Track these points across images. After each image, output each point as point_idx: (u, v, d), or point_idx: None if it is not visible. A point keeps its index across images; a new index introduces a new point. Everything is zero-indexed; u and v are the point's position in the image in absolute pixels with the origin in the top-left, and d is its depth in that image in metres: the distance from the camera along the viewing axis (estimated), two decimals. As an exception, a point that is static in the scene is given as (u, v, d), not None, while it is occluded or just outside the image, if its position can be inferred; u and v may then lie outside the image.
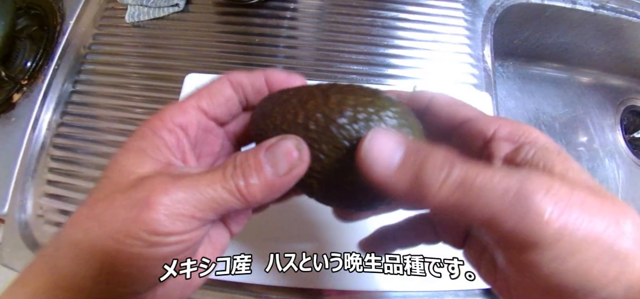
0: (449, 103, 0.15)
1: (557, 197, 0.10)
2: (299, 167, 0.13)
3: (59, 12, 0.40)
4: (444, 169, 0.11)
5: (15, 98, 0.37)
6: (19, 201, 0.33)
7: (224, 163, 0.13)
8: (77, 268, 0.12)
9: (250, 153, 0.13)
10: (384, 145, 0.12)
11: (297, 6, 0.41)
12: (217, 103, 0.16)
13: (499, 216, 0.10)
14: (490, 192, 0.10)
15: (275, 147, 0.13)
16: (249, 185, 0.13)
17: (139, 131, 0.15)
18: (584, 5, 0.42)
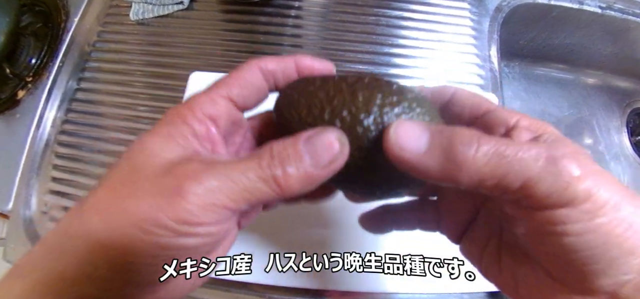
0: (472, 96, 0.16)
1: (583, 162, 0.11)
2: (338, 161, 0.13)
3: (64, 9, 0.40)
4: (473, 143, 0.11)
5: (20, 95, 0.37)
6: (24, 197, 0.33)
7: (259, 152, 0.13)
8: (92, 257, 0.12)
9: (288, 143, 0.13)
10: (410, 130, 0.12)
11: (302, 5, 0.41)
12: (248, 93, 0.15)
13: (534, 180, 0.11)
14: (522, 160, 0.11)
15: (316, 139, 0.13)
16: (287, 175, 0.12)
17: (166, 117, 0.14)
18: (591, 6, 0.42)
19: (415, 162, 0.12)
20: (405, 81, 0.38)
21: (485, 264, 0.15)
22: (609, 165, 0.48)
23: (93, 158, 0.34)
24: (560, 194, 0.11)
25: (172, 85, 0.36)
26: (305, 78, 0.15)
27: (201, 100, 0.14)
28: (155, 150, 0.13)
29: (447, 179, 0.12)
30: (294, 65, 0.16)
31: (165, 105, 0.36)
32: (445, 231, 0.18)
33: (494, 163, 0.11)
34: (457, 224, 0.17)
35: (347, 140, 0.13)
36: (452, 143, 0.12)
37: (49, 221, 0.33)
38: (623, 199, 0.11)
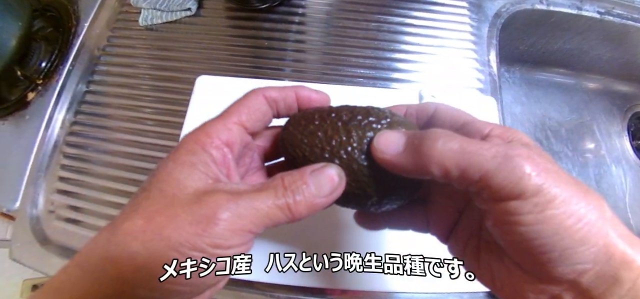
0: (451, 110, 0.18)
1: (535, 162, 0.13)
2: (337, 191, 0.16)
3: (74, 14, 0.42)
4: (439, 140, 0.14)
5: (30, 97, 0.38)
6: (31, 196, 0.34)
7: (273, 183, 0.15)
8: (130, 281, 0.13)
9: (296, 176, 0.15)
10: (389, 136, 0.16)
11: (305, 11, 0.42)
12: (255, 118, 0.17)
13: (490, 173, 0.13)
14: (482, 156, 0.13)
15: (320, 173, 0.15)
16: (296, 202, 0.15)
17: (186, 145, 0.15)
18: (590, 11, 0.43)
19: (394, 161, 0.15)
20: (406, 85, 0.38)
21: (468, 259, 0.17)
22: (611, 169, 0.48)
23: (100, 159, 0.35)
24: (512, 187, 0.12)
25: (178, 89, 0.37)
26: (304, 114, 0.18)
27: (218, 127, 0.16)
28: (182, 180, 0.14)
29: (420, 172, 0.14)
30: (294, 94, 0.18)
31: (172, 108, 0.37)
32: (434, 231, 0.19)
33: (457, 157, 0.13)
34: (444, 225, 0.19)
35: (344, 174, 0.16)
36: (421, 142, 0.14)
37: (55, 220, 0.33)
38: (574, 195, 0.12)
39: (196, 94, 0.35)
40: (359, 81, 0.38)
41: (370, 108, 0.17)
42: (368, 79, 0.38)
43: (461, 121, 0.17)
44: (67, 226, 0.33)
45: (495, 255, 0.15)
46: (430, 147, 0.14)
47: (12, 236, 0.33)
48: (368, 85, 0.38)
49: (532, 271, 0.14)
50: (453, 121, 0.17)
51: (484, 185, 0.13)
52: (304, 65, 0.39)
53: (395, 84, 0.38)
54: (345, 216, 0.30)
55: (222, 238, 0.13)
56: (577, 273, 0.12)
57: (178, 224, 0.13)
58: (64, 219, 0.33)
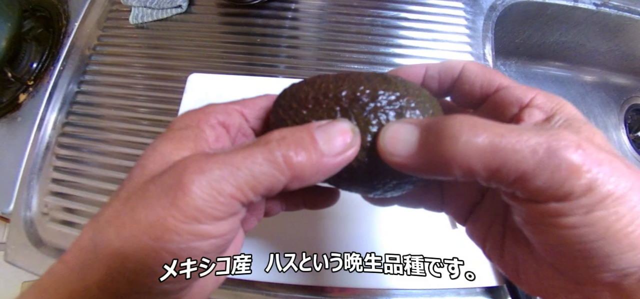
0: (483, 71, 0.15)
1: (586, 153, 0.10)
2: (350, 150, 0.13)
3: (64, 14, 0.41)
4: (462, 135, 0.11)
5: (21, 98, 0.38)
6: (25, 199, 0.34)
7: (265, 137, 0.12)
8: (111, 272, 0.11)
9: (299, 128, 0.12)
10: (399, 133, 0.12)
11: (298, 7, 0.41)
12: (259, 115, 0.16)
13: (530, 173, 0.10)
14: (518, 152, 0.10)
15: (330, 126, 0.13)
16: (300, 158, 0.12)
17: (180, 121, 0.14)
18: (586, 3, 0.42)
19: (407, 164, 0.12)
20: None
21: (489, 247, 0.15)
22: (608, 162, 0.48)
23: (93, 160, 0.35)
24: (557, 188, 0.10)
25: (171, 87, 0.37)
26: (296, 95, 0.15)
27: (217, 109, 0.15)
28: (166, 154, 0.13)
29: (440, 175, 0.12)
30: None
31: (165, 106, 0.36)
32: (450, 212, 0.17)
33: (486, 157, 0.10)
34: (462, 206, 0.17)
35: (358, 130, 0.13)
36: (439, 140, 0.11)
37: (49, 222, 0.33)
38: (629, 190, 0.10)
39: (188, 93, 0.35)
40: (353, 77, 0.38)
41: (378, 82, 0.14)
42: (362, 74, 0.38)
43: (495, 85, 0.14)
44: (62, 228, 0.33)
45: (523, 246, 0.13)
46: (451, 147, 0.11)
47: (6, 238, 0.33)
48: (362, 81, 0.38)
49: (566, 272, 0.12)
50: (485, 85, 0.14)
51: (520, 187, 0.11)
52: (298, 62, 0.39)
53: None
54: (345, 216, 0.30)
55: (196, 209, 0.11)
56: (619, 277, 0.11)
57: (147, 201, 0.11)
58: (58, 221, 0.33)
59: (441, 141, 0.11)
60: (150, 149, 0.13)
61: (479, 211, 0.16)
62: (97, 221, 0.12)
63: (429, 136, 0.12)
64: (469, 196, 0.17)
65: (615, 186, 0.10)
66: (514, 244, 0.14)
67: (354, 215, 0.30)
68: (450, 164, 0.11)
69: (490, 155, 0.10)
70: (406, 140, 0.12)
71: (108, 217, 0.12)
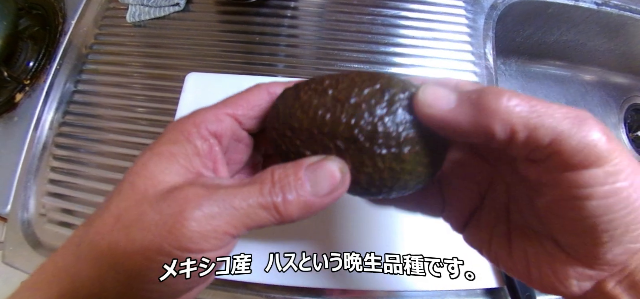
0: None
1: (604, 128, 0.11)
2: (339, 191, 0.13)
3: (61, 12, 0.41)
4: (504, 95, 0.12)
5: (18, 98, 0.37)
6: (22, 200, 0.33)
7: (261, 178, 0.13)
8: (101, 280, 0.12)
9: (290, 170, 0.13)
10: (438, 90, 0.13)
11: (297, 5, 0.41)
12: (253, 115, 0.15)
13: (564, 135, 0.11)
14: (553, 116, 0.11)
15: (318, 167, 0.13)
16: (287, 202, 0.13)
17: (170, 134, 0.14)
18: (587, 3, 0.42)
19: (447, 117, 0.12)
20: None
21: (495, 249, 0.15)
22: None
23: (91, 160, 0.34)
24: (588, 152, 0.11)
25: (169, 86, 0.37)
26: (300, 99, 0.14)
27: (207, 117, 0.14)
28: (157, 174, 0.13)
29: (479, 132, 0.12)
30: None
31: (163, 106, 0.36)
32: (450, 219, 0.18)
33: (526, 115, 0.11)
34: (462, 212, 0.17)
35: (348, 170, 0.13)
36: (482, 95, 0.12)
37: (47, 224, 0.33)
38: (637, 169, 0.11)
39: (186, 92, 0.34)
40: (353, 76, 0.38)
41: (385, 86, 0.13)
42: (362, 74, 0.38)
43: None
44: (59, 229, 0.32)
45: (533, 240, 0.14)
46: (495, 102, 0.11)
47: (4, 240, 0.32)
48: (362, 81, 0.37)
49: (581, 254, 0.12)
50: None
51: (554, 150, 0.11)
52: (297, 61, 0.38)
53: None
54: (345, 216, 0.30)
55: (191, 241, 0.12)
56: (629, 255, 0.11)
57: (144, 225, 0.12)
58: (56, 223, 0.33)
59: (484, 97, 0.12)
60: (140, 166, 0.13)
61: (481, 216, 0.16)
62: (87, 230, 0.13)
63: (470, 94, 0.12)
64: (469, 200, 0.17)
65: (629, 163, 0.11)
66: (523, 239, 0.14)
67: (354, 215, 0.30)
68: (494, 117, 0.11)
69: (529, 114, 0.11)
70: (447, 95, 0.12)
71: (99, 230, 0.13)
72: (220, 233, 0.12)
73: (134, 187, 0.13)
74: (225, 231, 0.12)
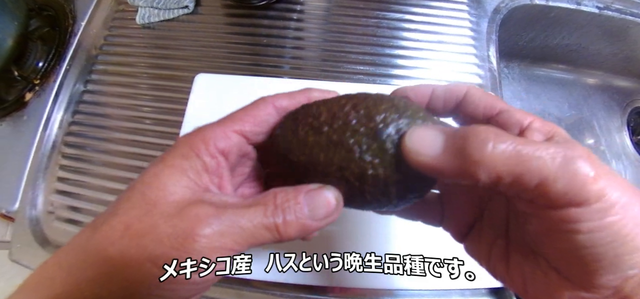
0: (485, 95, 0.16)
1: (595, 164, 0.11)
2: (332, 216, 0.15)
3: (71, 13, 0.41)
4: (489, 140, 0.12)
5: (28, 97, 0.38)
6: (30, 197, 0.34)
7: (264, 200, 0.14)
8: (106, 284, 0.13)
9: (290, 195, 0.14)
10: (424, 134, 0.13)
11: (303, 8, 0.41)
12: (260, 130, 0.16)
13: (550, 179, 0.11)
14: (539, 158, 0.11)
15: (316, 194, 0.14)
16: (286, 223, 0.14)
17: (180, 149, 0.15)
18: (589, 6, 0.43)
19: (432, 164, 0.13)
20: (405, 81, 0.38)
21: (493, 263, 0.16)
22: (611, 164, 0.48)
23: (99, 158, 0.35)
24: (575, 193, 0.11)
25: (177, 87, 0.37)
26: (302, 123, 0.15)
27: (215, 134, 0.15)
28: (168, 185, 0.14)
29: (465, 178, 0.12)
30: (306, 100, 0.17)
31: (171, 106, 0.36)
32: (449, 228, 0.18)
33: (511, 161, 0.11)
34: (462, 223, 0.17)
35: (342, 199, 0.15)
36: (467, 142, 0.12)
37: (55, 221, 0.33)
38: (632, 198, 0.11)
39: (195, 92, 0.35)
40: (358, 77, 0.38)
41: (379, 127, 0.14)
42: (367, 75, 0.38)
43: (497, 109, 0.15)
44: (67, 226, 0.33)
45: (530, 258, 0.14)
46: (479, 149, 0.11)
47: (11, 237, 0.33)
48: (368, 81, 0.38)
49: (575, 279, 0.12)
50: (487, 108, 0.15)
51: (541, 192, 0.11)
52: (303, 63, 0.39)
53: (395, 81, 0.38)
54: (345, 216, 0.30)
55: (200, 254, 0.13)
56: (623, 280, 0.12)
57: (157, 236, 0.13)
58: (64, 220, 0.33)
59: (469, 144, 0.12)
60: (152, 176, 0.14)
61: (480, 229, 0.17)
62: (93, 234, 0.13)
63: (456, 139, 0.12)
64: (468, 212, 0.17)
65: (621, 195, 0.11)
66: (520, 257, 0.14)
67: (354, 215, 0.30)
68: (477, 166, 0.12)
69: (515, 160, 0.11)
70: (432, 141, 0.13)
71: (108, 235, 0.13)
72: (226, 249, 0.13)
73: (144, 196, 0.13)
74: (230, 248, 0.13)
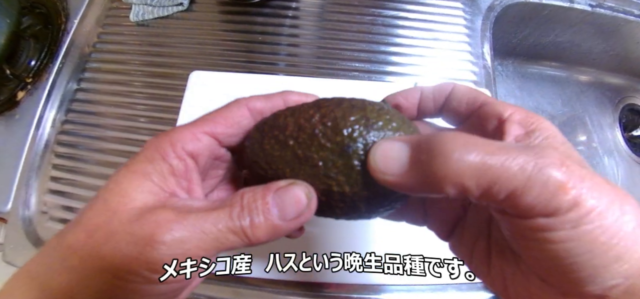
0: (469, 90, 0.16)
1: (570, 170, 0.11)
2: (305, 215, 0.14)
3: (64, 11, 0.41)
4: (454, 152, 0.11)
5: (20, 96, 0.37)
6: (23, 197, 0.33)
7: (230, 202, 0.13)
8: (70, 293, 0.12)
9: (258, 194, 0.13)
10: (389, 149, 0.13)
11: (299, 5, 0.41)
12: (232, 132, 0.15)
13: (520, 190, 0.11)
14: (508, 170, 0.11)
15: (284, 193, 0.13)
16: (254, 226, 0.13)
17: (145, 152, 0.14)
18: (582, 4, 0.43)
19: (398, 182, 0.12)
20: (400, 78, 0.38)
21: (476, 262, 0.15)
22: (603, 161, 0.49)
23: (92, 158, 0.35)
24: (545, 204, 0.10)
25: (171, 85, 0.37)
26: (273, 132, 0.15)
27: (184, 136, 0.14)
28: (129, 191, 0.13)
29: (432, 193, 0.12)
30: (282, 102, 0.16)
31: (165, 104, 0.36)
32: (433, 228, 0.18)
33: (478, 174, 0.11)
34: (445, 222, 0.17)
35: (314, 195, 0.14)
36: (432, 156, 0.11)
37: (48, 221, 0.33)
38: (610, 204, 0.11)
39: (190, 90, 0.35)
40: (353, 74, 0.38)
41: (346, 142, 0.13)
42: (363, 72, 0.38)
43: (479, 102, 0.15)
44: (61, 227, 0.32)
45: (510, 260, 0.14)
46: (444, 164, 0.11)
47: (4, 238, 0.32)
48: (363, 78, 0.38)
49: (556, 285, 0.12)
50: (470, 102, 0.15)
51: (510, 204, 0.11)
52: (298, 60, 0.39)
53: (389, 78, 0.38)
54: None
55: (160, 262, 0.12)
56: (606, 289, 0.11)
57: (115, 244, 0.12)
58: (57, 220, 0.33)
59: (433, 158, 0.11)
60: (114, 183, 0.13)
61: (463, 228, 0.16)
62: (59, 243, 0.13)
63: (420, 153, 0.12)
64: (451, 212, 0.17)
65: (598, 201, 0.11)
66: (501, 259, 0.14)
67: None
68: (444, 181, 0.11)
69: (482, 172, 0.11)
70: (397, 157, 0.12)
71: (71, 244, 0.13)
72: (190, 256, 0.12)
73: (106, 203, 0.13)
74: (195, 254, 0.12)
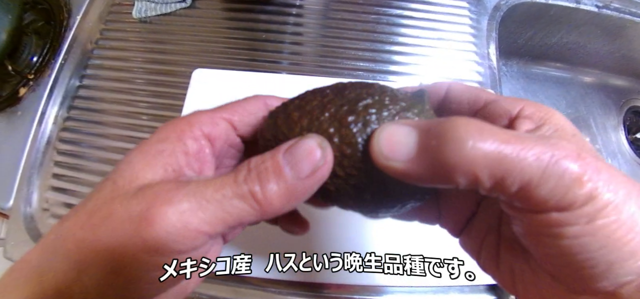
0: (468, 89, 0.15)
1: (586, 162, 0.10)
2: (322, 168, 0.12)
3: (66, 7, 0.41)
4: (468, 140, 0.10)
5: (22, 92, 0.37)
6: (25, 194, 0.33)
7: (237, 167, 0.12)
8: (67, 279, 0.11)
9: (266, 155, 0.12)
10: (395, 135, 0.11)
11: (302, 3, 0.41)
12: (248, 122, 0.15)
13: (534, 183, 0.10)
14: (523, 160, 0.10)
15: (295, 148, 0.12)
16: (266, 191, 0.11)
17: (161, 132, 0.13)
18: (588, 5, 0.43)
19: (405, 171, 0.11)
20: (405, 78, 0.38)
21: (484, 258, 0.15)
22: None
23: (95, 155, 0.34)
24: (560, 198, 0.10)
25: (174, 82, 0.37)
26: (287, 118, 0.14)
27: (202, 118, 0.14)
28: (137, 169, 0.12)
29: (442, 183, 0.11)
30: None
31: (167, 102, 0.36)
32: (446, 225, 0.17)
33: (492, 164, 0.10)
34: (458, 218, 0.17)
35: (328, 144, 0.12)
36: (442, 143, 0.10)
37: (50, 218, 0.33)
38: (627, 197, 0.10)
39: (193, 88, 0.34)
40: (357, 73, 0.38)
41: (368, 100, 0.13)
42: (366, 71, 0.38)
43: (482, 101, 0.14)
44: (62, 223, 0.32)
45: (519, 256, 0.13)
46: (456, 151, 0.10)
47: (6, 234, 0.32)
48: (366, 78, 0.38)
49: (566, 282, 0.11)
50: (472, 101, 0.14)
51: (523, 196, 0.10)
52: (302, 58, 0.39)
53: (393, 77, 0.38)
54: (345, 216, 0.29)
55: (160, 241, 0.10)
56: (618, 285, 0.10)
57: (111, 223, 0.11)
58: (59, 217, 0.32)
59: (444, 144, 0.10)
60: (125, 163, 0.12)
61: (473, 224, 0.16)
62: (61, 225, 0.12)
63: (430, 138, 0.11)
64: (465, 208, 0.16)
65: (614, 195, 0.10)
66: (510, 255, 0.14)
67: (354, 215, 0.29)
68: (455, 171, 0.10)
69: (496, 162, 0.10)
70: (404, 142, 0.11)
71: (70, 227, 0.12)
72: (192, 231, 0.11)
73: (114, 184, 0.12)
74: (197, 229, 0.11)
